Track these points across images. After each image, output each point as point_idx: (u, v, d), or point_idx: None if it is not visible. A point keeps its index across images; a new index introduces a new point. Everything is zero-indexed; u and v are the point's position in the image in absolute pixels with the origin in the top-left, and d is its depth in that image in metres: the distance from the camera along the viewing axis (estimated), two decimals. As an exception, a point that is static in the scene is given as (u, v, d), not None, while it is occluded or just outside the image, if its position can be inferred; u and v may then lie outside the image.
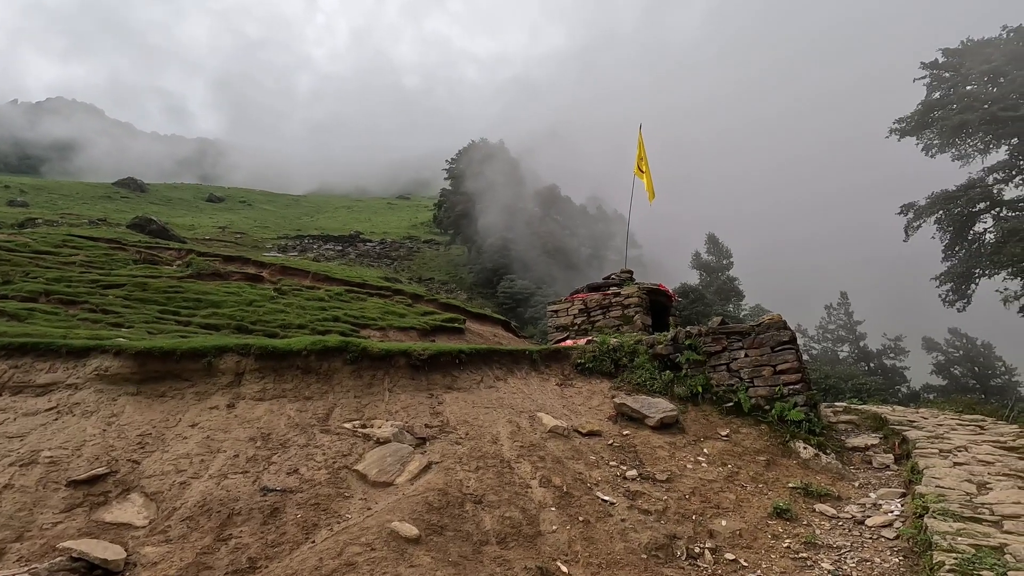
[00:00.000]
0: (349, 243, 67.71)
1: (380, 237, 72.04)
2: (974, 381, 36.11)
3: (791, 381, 8.31)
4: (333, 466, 5.80)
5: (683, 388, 8.90)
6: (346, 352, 7.67)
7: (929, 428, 8.59)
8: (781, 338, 8.53)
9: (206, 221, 67.15)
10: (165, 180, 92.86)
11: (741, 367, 8.74)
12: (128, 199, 71.95)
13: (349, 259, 63.57)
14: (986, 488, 5.48)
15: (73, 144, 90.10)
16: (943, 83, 28.60)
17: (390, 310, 19.84)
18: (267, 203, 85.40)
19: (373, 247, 68.21)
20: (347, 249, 66.06)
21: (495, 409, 7.72)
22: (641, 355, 9.66)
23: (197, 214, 73.22)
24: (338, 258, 62.63)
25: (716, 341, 9.06)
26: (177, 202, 75.74)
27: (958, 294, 26.77)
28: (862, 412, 11.18)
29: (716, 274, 37.86)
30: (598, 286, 13.03)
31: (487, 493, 5.45)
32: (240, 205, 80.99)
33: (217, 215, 74.32)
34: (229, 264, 23.97)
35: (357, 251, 67.48)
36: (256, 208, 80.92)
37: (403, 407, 7.32)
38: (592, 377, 9.61)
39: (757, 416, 8.32)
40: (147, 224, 35.22)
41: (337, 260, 60.94)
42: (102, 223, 47.28)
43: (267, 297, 17.55)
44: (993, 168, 25.83)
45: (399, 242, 71.87)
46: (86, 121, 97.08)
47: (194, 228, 59.31)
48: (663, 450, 7.23)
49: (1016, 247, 20.69)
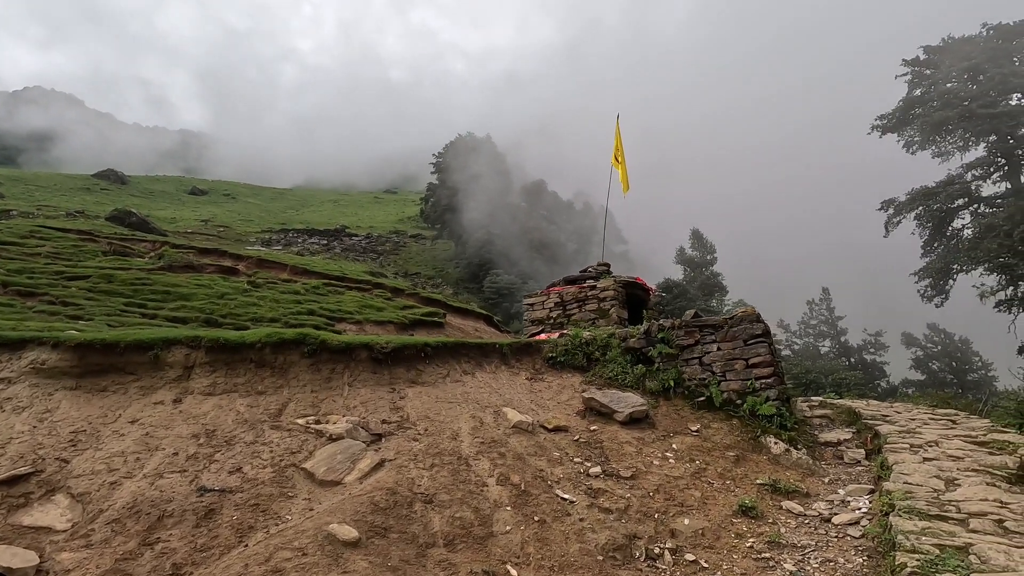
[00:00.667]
0: (334, 237, 66.92)
1: (366, 231, 71.27)
2: (952, 376, 36.50)
3: (763, 375, 8.13)
4: (280, 464, 5.49)
5: (655, 382, 8.68)
6: (303, 345, 7.34)
7: (902, 423, 8.46)
8: (754, 331, 8.34)
9: (188, 214, 66.02)
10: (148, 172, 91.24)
11: (713, 361, 8.54)
12: (108, 191, 70.53)
13: (334, 253, 62.79)
14: (954, 484, 5.31)
15: (52, 135, 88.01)
16: (924, 80, 28.69)
17: (368, 304, 19.47)
18: (251, 196, 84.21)
19: (359, 241, 67.46)
20: (332, 243, 65.26)
21: (459, 404, 7.45)
22: (614, 349, 9.44)
23: (179, 207, 71.97)
24: (323, 252, 61.84)
25: (689, 334, 8.85)
26: (159, 195, 74.45)
27: (936, 289, 26.93)
28: (837, 406, 11.07)
29: (700, 269, 37.85)
30: (574, 279, 12.79)
31: (439, 492, 5.18)
32: (224, 198, 79.80)
33: (200, 208, 73.11)
34: (204, 257, 23.43)
35: (342, 245, 66.69)
36: (240, 201, 79.80)
37: (362, 402, 7.02)
38: (563, 371, 9.37)
39: (729, 411, 8.13)
40: (127, 217, 34.44)
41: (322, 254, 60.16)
42: (80, 215, 46.21)
43: (240, 290, 17.10)
44: (971, 165, 25.97)
45: (385, 236, 71.20)
46: (65, 111, 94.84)
47: (176, 221, 58.26)
48: (630, 446, 7.01)
49: (992, 243, 20.79)
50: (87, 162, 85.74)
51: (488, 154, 64.88)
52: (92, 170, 75.93)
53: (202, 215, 66.38)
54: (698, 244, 39.14)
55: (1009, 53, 26.79)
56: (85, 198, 62.88)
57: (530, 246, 58.58)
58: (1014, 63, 26.33)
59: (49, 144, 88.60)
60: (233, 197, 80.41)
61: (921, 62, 28.91)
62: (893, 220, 27.92)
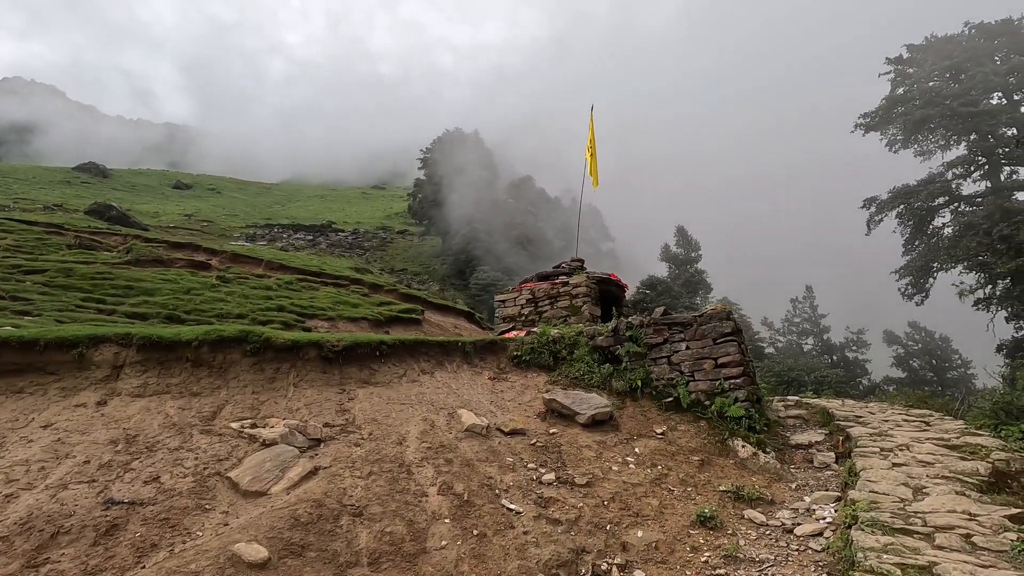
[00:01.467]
0: (320, 233, 66.04)
1: (353, 227, 70.44)
2: (932, 373, 36.63)
3: (732, 375, 7.78)
4: (203, 473, 5.05)
5: (621, 382, 8.32)
6: (246, 343, 6.89)
7: (874, 424, 8.16)
8: (723, 330, 8.00)
9: (172, 208, 64.80)
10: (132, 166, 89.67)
11: (682, 360, 8.18)
12: (89, 185, 69.14)
13: (319, 249, 61.92)
14: (922, 493, 4.98)
15: (33, 126, 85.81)
16: (906, 79, 28.58)
17: (343, 300, 18.98)
18: (237, 191, 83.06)
19: (345, 237, 66.63)
20: (318, 239, 64.39)
21: (412, 406, 7.03)
22: (582, 347, 9.07)
23: (163, 201, 70.73)
24: (308, 248, 60.98)
25: (658, 332, 8.49)
26: (142, 188, 73.15)
27: (917, 288, 26.88)
28: (812, 406, 10.78)
29: (684, 266, 37.64)
30: (547, 275, 12.40)
31: (371, 504, 4.76)
32: (209, 193, 78.61)
33: (184, 202, 71.91)
34: (177, 251, 22.78)
35: (328, 241, 65.82)
36: (225, 196, 78.66)
37: (307, 404, 6.58)
38: (529, 370, 8.98)
39: (697, 412, 7.78)
40: (106, 210, 33.66)
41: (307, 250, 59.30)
42: (58, 209, 45.14)
43: (208, 285, 16.54)
44: (952, 163, 25.91)
45: (372, 232, 70.40)
46: (47, 103, 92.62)
47: (158, 215, 57.14)
48: (590, 450, 6.63)
49: (972, 241, 20.69)
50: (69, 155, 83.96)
51: (475, 149, 64.36)
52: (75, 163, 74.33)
53: (186, 209, 65.22)
54: (683, 241, 38.93)
55: (990, 52, 26.74)
56: (65, 191, 61.55)
57: (516, 242, 58.18)
58: (995, 62, 26.29)
59: (30, 136, 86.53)
60: (218, 191, 79.23)
61: (904, 60, 28.79)
62: (875, 218, 27.83)
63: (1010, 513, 4.40)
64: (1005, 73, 25.26)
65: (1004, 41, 26.55)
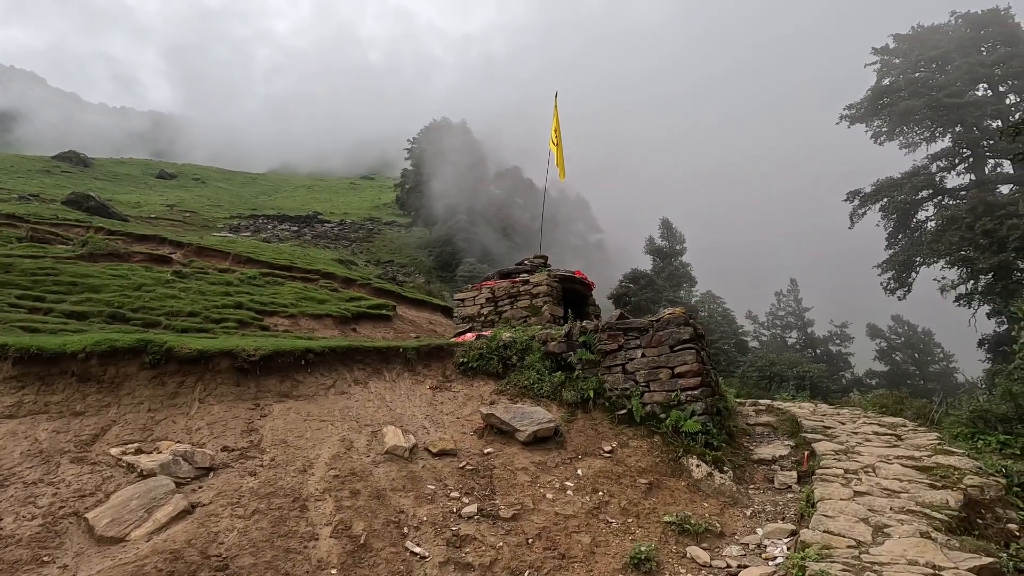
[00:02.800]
0: (306, 224, 64.86)
1: (339, 218, 69.29)
2: (914, 367, 36.34)
3: (690, 386, 7.11)
4: (57, 513, 4.31)
5: (572, 392, 7.63)
6: (144, 354, 6.13)
7: (842, 438, 7.53)
8: (681, 336, 7.31)
9: (155, 198, 63.37)
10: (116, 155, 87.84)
11: (637, 368, 7.50)
12: (70, 174, 67.50)
13: (304, 240, 60.69)
14: (883, 534, 4.33)
15: (13, 114, 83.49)
16: (893, 69, 27.90)
17: (309, 295, 18.20)
18: (223, 181, 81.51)
19: (331, 228, 65.44)
20: (303, 230, 63.16)
21: (333, 423, 6.31)
22: (534, 353, 8.37)
23: (146, 191, 69.21)
24: (293, 239, 59.77)
25: (612, 338, 7.80)
26: (124, 178, 71.54)
27: (899, 282, 26.40)
28: (783, 412, 10.17)
29: (669, 259, 36.95)
30: (508, 272, 11.68)
31: (243, 553, 4.05)
32: (193, 183, 77.09)
33: (167, 192, 70.41)
34: (141, 243, 21.90)
35: (314, 232, 64.57)
36: (210, 186, 77.23)
37: (210, 423, 5.84)
38: (476, 379, 8.28)
39: (651, 426, 7.12)
40: (84, 201, 32.66)
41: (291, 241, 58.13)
42: (35, 199, 43.84)
43: (161, 281, 15.69)
44: (937, 155, 25.33)
45: (359, 223, 69.25)
46: (28, 90, 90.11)
47: (140, 206, 55.79)
48: (526, 474, 5.94)
49: (954, 235, 20.16)
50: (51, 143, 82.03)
51: (463, 140, 63.34)
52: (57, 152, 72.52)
53: (169, 200, 63.81)
54: (667, 234, 38.15)
55: (977, 43, 26.08)
56: (44, 181, 59.95)
57: (503, 233, 57.37)
58: (981, 53, 25.65)
59: (11, 124, 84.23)
60: (203, 181, 77.71)
61: (890, 50, 28.09)
62: (858, 211, 27.27)
63: (979, 564, 3.76)
64: (991, 64, 24.63)
65: (991, 31, 25.90)
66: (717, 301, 35.00)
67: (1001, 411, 8.74)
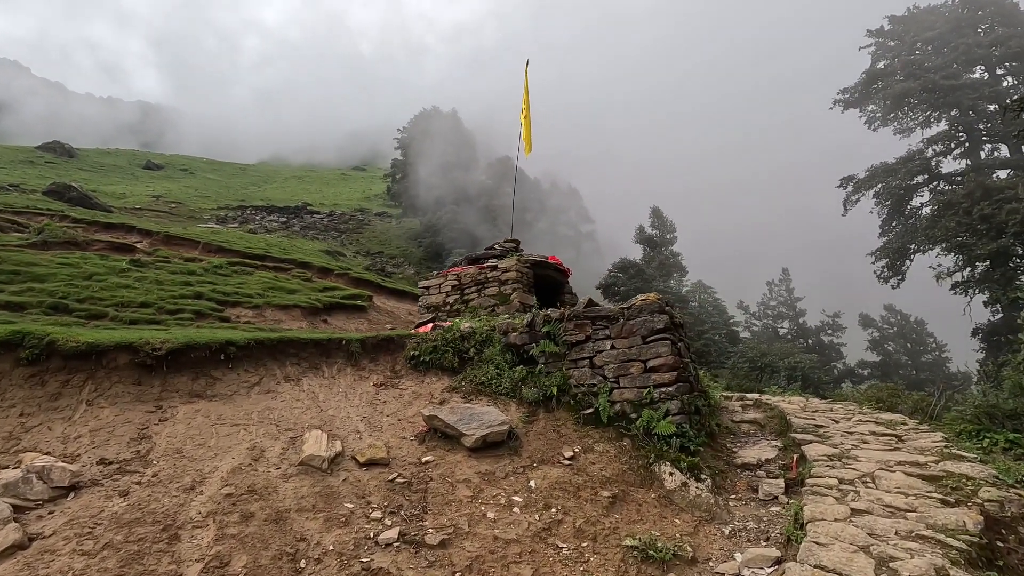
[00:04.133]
0: (295, 215, 63.63)
1: (329, 209, 68.14)
2: (906, 357, 35.65)
3: (664, 382, 6.21)
4: None
5: (533, 390, 6.73)
6: (21, 348, 5.18)
7: (836, 440, 6.66)
8: (654, 325, 6.40)
9: (141, 189, 62.04)
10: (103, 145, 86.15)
11: (606, 362, 6.59)
12: (54, 165, 65.98)
13: (292, 231, 59.57)
14: (888, 569, 3.45)
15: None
16: (888, 52, 26.92)
17: (278, 285, 17.22)
18: (211, 172, 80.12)
19: (320, 219, 64.25)
20: (292, 221, 61.94)
21: (249, 427, 5.38)
22: (494, 345, 7.46)
23: (132, 182, 67.72)
24: (281, 230, 58.67)
25: (579, 328, 6.88)
26: (110, 168, 70.08)
27: (893, 270, 25.58)
28: (771, 408, 9.31)
29: (659, 248, 36.05)
30: (476, 258, 10.74)
31: (67, 607, 3.12)
32: (181, 173, 75.66)
33: (155, 183, 68.96)
34: (109, 232, 20.85)
35: (302, 223, 63.34)
36: (198, 177, 75.76)
37: (94, 430, 4.90)
38: (428, 374, 7.36)
39: (620, 427, 6.23)
40: (65, 191, 31.67)
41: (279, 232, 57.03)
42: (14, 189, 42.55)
43: (116, 270, 14.67)
44: (933, 139, 24.43)
45: (349, 214, 68.07)
46: (11, 79, 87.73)
47: (125, 197, 54.47)
48: (468, 487, 5.04)
49: (951, 221, 19.31)
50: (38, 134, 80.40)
51: (452, 129, 62.12)
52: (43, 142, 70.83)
53: (156, 191, 62.47)
54: (658, 222, 37.21)
55: (974, 23, 25.13)
56: (27, 171, 58.46)
57: (494, 225, 56.34)
58: (978, 34, 24.70)
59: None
60: (191, 172, 76.30)
61: (885, 32, 27.10)
62: (852, 198, 26.39)
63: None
64: (989, 45, 23.69)
65: (989, 12, 24.95)
66: (708, 291, 34.20)
67: (1009, 407, 7.89)
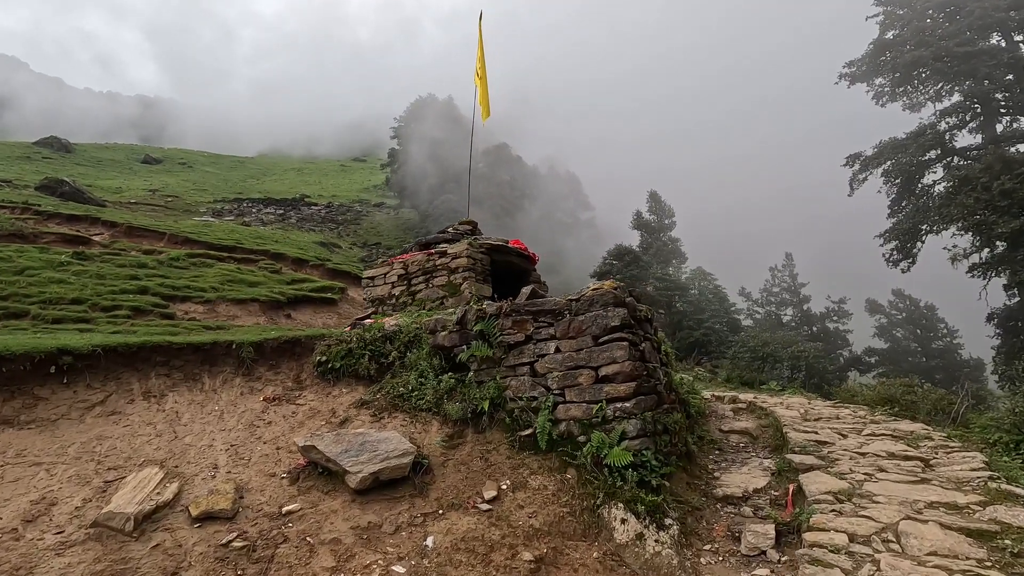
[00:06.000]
0: (292, 207, 62.37)
1: (327, 200, 66.88)
2: (916, 344, 33.78)
3: (619, 395, 4.73)
4: None
5: (458, 404, 5.27)
6: None
7: (844, 465, 5.16)
8: (608, 322, 4.91)
9: (138, 183, 60.96)
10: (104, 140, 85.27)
11: (550, 369, 5.12)
12: (51, 160, 64.92)
13: (289, 223, 58.31)
14: None
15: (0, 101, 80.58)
16: (897, 21, 24.90)
17: (239, 278, 15.84)
18: (210, 165, 78.96)
19: (318, 211, 62.97)
20: (289, 213, 60.69)
21: (55, 466, 3.98)
22: (422, 348, 6.01)
23: (130, 176, 66.72)
24: (277, 222, 57.45)
25: (518, 326, 5.40)
26: (108, 163, 69.12)
27: (903, 253, 23.79)
28: (765, 415, 7.83)
29: (657, 234, 34.33)
30: (427, 243, 9.26)
31: None
32: (179, 167, 74.54)
33: (152, 177, 67.91)
34: (71, 224, 19.60)
35: (299, 215, 62.06)
36: (197, 170, 74.62)
37: None
38: (339, 384, 5.92)
39: (565, 454, 4.77)
40: (58, 186, 30.88)
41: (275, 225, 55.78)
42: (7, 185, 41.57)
43: (55, 264, 13.34)
44: (946, 111, 22.52)
45: (347, 206, 66.71)
46: (11, 75, 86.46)
47: (121, 191, 53.45)
48: (330, 554, 3.60)
49: (968, 197, 17.55)
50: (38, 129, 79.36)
51: (448, 116, 60.37)
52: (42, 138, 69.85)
53: (153, 185, 61.38)
54: (656, 207, 35.45)
55: (991, -14, 23.07)
56: (23, 167, 57.55)
57: (492, 213, 54.78)
58: (996, -3, 22.65)
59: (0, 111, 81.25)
60: (189, 166, 75.14)
61: (894, 0, 25.07)
62: (858, 177, 24.55)
63: None
64: (1006, 8, 21.68)
65: (1007, -26, 22.88)
66: (708, 278, 32.45)
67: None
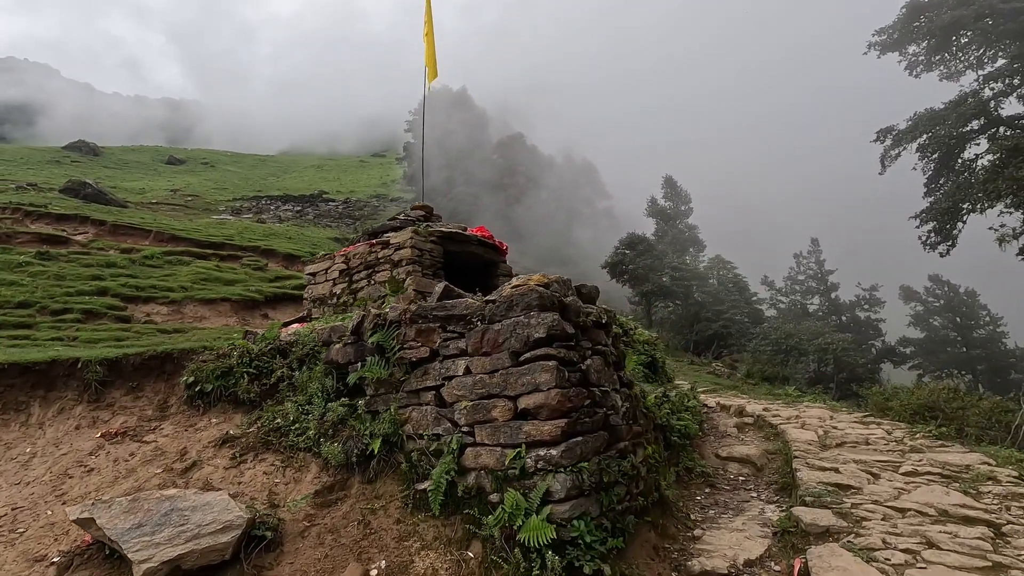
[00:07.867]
0: (310, 203, 62.16)
1: (346, 196, 66.51)
2: (955, 333, 31.01)
3: (543, 439, 3.24)
4: None
5: (338, 446, 3.87)
6: None
7: (875, 531, 3.56)
8: (531, 332, 3.42)
9: (161, 184, 61.56)
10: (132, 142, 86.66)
11: (458, 397, 3.67)
12: (79, 163, 66.04)
13: (307, 220, 58.11)
14: None
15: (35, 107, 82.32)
16: (933, -21, 22.27)
17: (215, 276, 14.78)
18: (232, 164, 79.44)
19: (335, 207, 62.57)
20: (306, 209, 60.47)
21: None
22: (317, 364, 4.63)
23: (154, 177, 67.47)
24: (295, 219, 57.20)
25: (423, 336, 3.96)
26: (134, 165, 70.06)
27: (942, 235, 21.41)
28: (774, 436, 6.26)
29: (673, 221, 32.28)
30: (374, 232, 7.89)
31: None
32: (202, 167, 75.18)
33: (176, 178, 68.58)
34: (61, 223, 18.94)
35: (317, 211, 61.74)
36: (219, 169, 75.14)
37: None
38: (211, 411, 4.58)
39: (470, 520, 3.34)
40: (81, 188, 31.26)
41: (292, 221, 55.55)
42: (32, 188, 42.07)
43: (12, 264, 12.46)
44: (990, 76, 20.01)
45: (364, 201, 66.22)
46: (44, 82, 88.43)
47: (144, 192, 53.92)
48: None
49: (1019, 170, 15.32)
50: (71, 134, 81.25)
51: (461, 107, 58.97)
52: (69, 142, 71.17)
53: (175, 185, 61.94)
54: (671, 193, 33.34)
55: (1043, -64, 20.33)
56: (53, 171, 58.56)
57: (507, 203, 53.31)
58: (1049, -53, 19.92)
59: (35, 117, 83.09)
60: (212, 165, 75.69)
61: (931, -43, 22.44)
62: (891, 153, 22.16)
63: None
64: (1062, -41, 19.02)
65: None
66: (727, 266, 30.37)
67: None
